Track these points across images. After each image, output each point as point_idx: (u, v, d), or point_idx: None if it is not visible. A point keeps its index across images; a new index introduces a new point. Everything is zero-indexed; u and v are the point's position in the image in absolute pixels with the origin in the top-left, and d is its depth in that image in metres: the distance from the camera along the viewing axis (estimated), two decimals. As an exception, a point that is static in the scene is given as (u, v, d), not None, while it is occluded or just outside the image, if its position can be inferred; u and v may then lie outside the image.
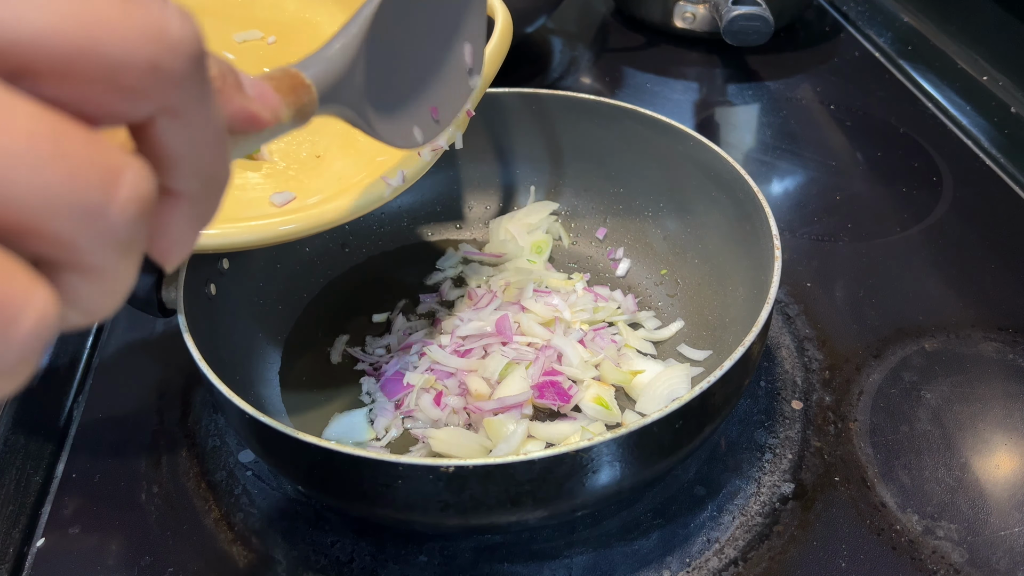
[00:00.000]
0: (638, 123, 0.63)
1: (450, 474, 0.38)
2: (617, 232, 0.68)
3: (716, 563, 0.47)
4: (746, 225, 0.56)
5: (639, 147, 0.64)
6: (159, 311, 0.52)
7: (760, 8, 0.87)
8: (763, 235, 0.52)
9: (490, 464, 0.39)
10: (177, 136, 0.20)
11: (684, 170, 0.61)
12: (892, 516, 0.50)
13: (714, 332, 0.58)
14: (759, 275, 0.52)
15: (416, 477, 0.39)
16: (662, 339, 0.60)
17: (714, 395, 0.43)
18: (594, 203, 0.69)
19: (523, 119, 0.67)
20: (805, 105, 0.91)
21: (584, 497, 0.42)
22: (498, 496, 0.40)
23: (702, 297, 0.61)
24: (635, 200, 0.67)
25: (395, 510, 0.42)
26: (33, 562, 0.48)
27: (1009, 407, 0.56)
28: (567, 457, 0.39)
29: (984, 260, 0.69)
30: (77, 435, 0.56)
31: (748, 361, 0.45)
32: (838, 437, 0.54)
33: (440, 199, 0.71)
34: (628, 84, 0.95)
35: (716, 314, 0.59)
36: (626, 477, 0.42)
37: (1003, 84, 0.88)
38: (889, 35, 1.03)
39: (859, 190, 0.78)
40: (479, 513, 0.41)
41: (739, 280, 0.57)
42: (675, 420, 0.41)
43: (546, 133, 0.68)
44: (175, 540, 0.49)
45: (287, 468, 0.44)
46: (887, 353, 0.60)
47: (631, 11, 1.06)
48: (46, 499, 0.52)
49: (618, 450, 0.40)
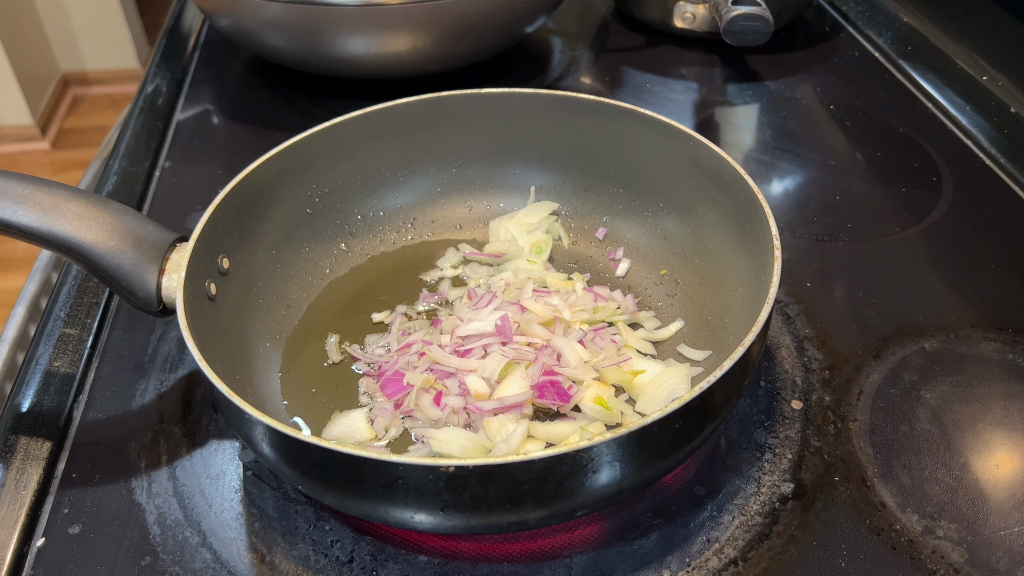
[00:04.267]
0: (638, 123, 0.63)
1: (450, 474, 0.38)
2: (617, 232, 0.68)
3: (716, 563, 0.47)
4: (746, 225, 0.56)
5: (639, 147, 0.64)
6: (159, 311, 0.52)
7: (760, 8, 0.87)
8: (763, 235, 0.52)
9: (490, 464, 0.38)
10: None
11: (684, 170, 0.61)
12: (892, 516, 0.50)
13: (714, 332, 0.58)
14: (759, 275, 0.52)
15: (416, 477, 0.39)
16: (662, 339, 0.60)
17: (714, 395, 0.43)
18: (594, 203, 0.69)
19: (524, 119, 0.67)
20: (805, 105, 0.91)
21: (584, 497, 0.42)
22: (498, 496, 0.40)
23: (702, 297, 0.61)
24: (635, 200, 0.67)
25: (395, 510, 0.42)
26: (33, 562, 0.48)
27: (1009, 407, 0.56)
28: (567, 457, 0.39)
29: (984, 260, 0.69)
30: (77, 435, 0.56)
31: (748, 361, 0.45)
32: (838, 437, 0.54)
33: (440, 199, 0.71)
34: (628, 84, 0.95)
35: (716, 314, 0.59)
36: (626, 477, 0.42)
37: (1003, 84, 0.88)
38: (889, 35, 1.03)
39: (859, 190, 0.78)
40: (479, 513, 0.41)
41: (739, 280, 0.57)
42: (675, 420, 0.41)
43: (547, 133, 0.68)
44: (175, 540, 0.49)
45: (287, 468, 0.44)
46: (887, 353, 0.60)
47: (631, 11, 1.06)
48: (46, 499, 0.52)
49: (618, 450, 0.40)
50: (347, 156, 0.65)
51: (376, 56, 0.84)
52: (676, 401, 0.41)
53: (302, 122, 0.86)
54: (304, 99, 0.92)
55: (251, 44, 0.90)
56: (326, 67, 0.87)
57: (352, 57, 0.84)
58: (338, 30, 0.81)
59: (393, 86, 0.86)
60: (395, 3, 0.79)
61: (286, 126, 0.88)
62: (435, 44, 0.84)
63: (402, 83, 0.87)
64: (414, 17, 0.80)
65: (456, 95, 0.66)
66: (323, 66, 0.87)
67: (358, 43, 0.83)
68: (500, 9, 0.85)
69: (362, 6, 0.79)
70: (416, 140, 0.68)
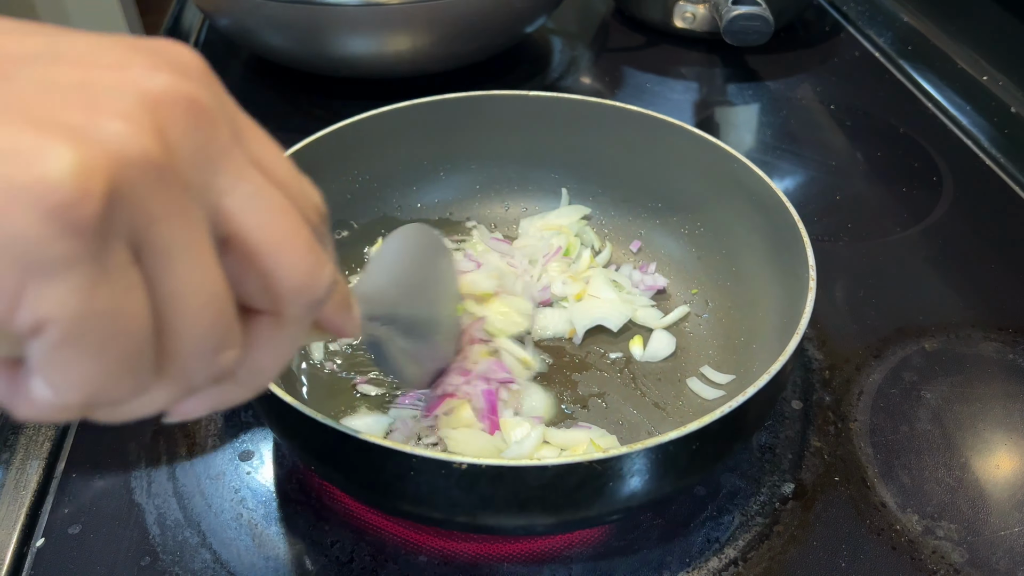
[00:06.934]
0: (684, 140, 0.62)
1: (462, 471, 0.38)
2: (652, 247, 0.67)
3: (716, 563, 0.47)
4: (784, 253, 0.54)
5: (682, 164, 0.63)
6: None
7: (760, 8, 0.87)
8: (799, 265, 0.51)
9: (502, 465, 0.39)
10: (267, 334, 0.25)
11: (726, 191, 0.60)
12: (892, 516, 0.50)
13: (740, 357, 0.57)
14: (791, 304, 0.50)
15: (428, 471, 0.39)
16: (666, 323, 0.61)
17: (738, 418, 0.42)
18: (632, 215, 0.68)
19: (567, 125, 0.66)
20: (805, 105, 0.91)
21: (593, 509, 0.42)
22: (507, 498, 0.40)
23: (731, 320, 0.60)
24: (673, 216, 0.66)
25: (406, 502, 0.42)
26: (33, 562, 0.48)
27: (1009, 407, 0.56)
28: (580, 467, 0.39)
29: (984, 260, 0.69)
30: (77, 435, 0.56)
31: (777, 384, 0.44)
32: (838, 437, 0.54)
33: (479, 196, 0.71)
34: (628, 84, 0.95)
35: (744, 339, 0.58)
36: (636, 495, 0.42)
37: (1003, 84, 0.88)
38: (889, 35, 1.03)
39: (859, 190, 0.78)
40: (486, 513, 0.41)
41: (770, 307, 0.56)
42: (692, 441, 0.41)
43: (590, 141, 0.67)
44: (175, 540, 0.49)
45: (304, 451, 0.45)
46: (887, 353, 0.60)
47: (631, 11, 1.06)
48: (46, 499, 0.52)
49: (636, 464, 0.40)
50: (390, 146, 0.65)
51: (376, 56, 0.84)
52: (697, 421, 0.40)
53: (302, 122, 0.86)
54: (304, 99, 0.92)
55: (251, 44, 0.90)
56: (326, 67, 0.87)
57: (352, 57, 0.84)
58: (338, 30, 0.81)
59: (393, 86, 0.86)
60: (395, 3, 0.79)
61: (286, 126, 0.88)
62: (435, 44, 0.84)
63: (402, 83, 0.87)
64: (414, 17, 0.80)
65: (503, 95, 0.66)
66: (323, 66, 0.87)
67: (358, 43, 0.83)
68: (500, 9, 0.85)
69: (362, 6, 0.79)
70: (460, 137, 0.67)
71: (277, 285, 0.24)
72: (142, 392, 0.22)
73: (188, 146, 0.21)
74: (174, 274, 0.21)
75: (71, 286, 0.18)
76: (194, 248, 0.21)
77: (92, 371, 0.20)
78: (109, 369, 0.20)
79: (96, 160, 0.18)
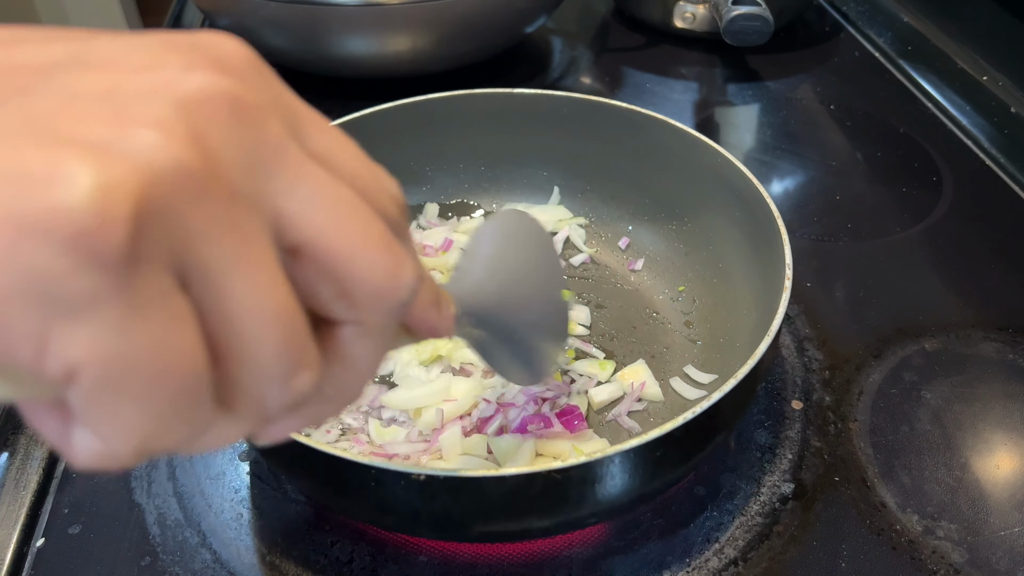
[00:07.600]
0: (668, 135, 0.62)
1: (421, 482, 0.39)
2: (639, 243, 0.67)
3: (716, 563, 0.47)
4: (764, 249, 0.54)
5: (668, 159, 0.63)
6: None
7: (760, 8, 0.87)
8: (777, 261, 0.51)
9: (460, 476, 0.38)
10: (351, 345, 0.23)
11: (710, 186, 0.60)
12: (892, 516, 0.50)
13: (723, 356, 0.57)
14: (772, 301, 0.50)
15: (388, 482, 0.40)
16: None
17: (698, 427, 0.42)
18: (620, 212, 0.68)
19: (554, 122, 0.66)
20: (805, 105, 0.91)
21: (555, 518, 0.42)
22: (468, 508, 0.41)
23: (717, 318, 0.60)
24: (660, 212, 0.66)
25: (370, 512, 0.43)
26: (33, 562, 0.48)
27: (1009, 407, 0.56)
28: (538, 476, 0.39)
29: (984, 260, 0.69)
30: (77, 435, 0.56)
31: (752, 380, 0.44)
32: (838, 437, 0.54)
33: (466, 196, 0.71)
34: (628, 84, 0.95)
35: (728, 337, 0.58)
36: (602, 502, 0.42)
37: (1003, 84, 0.88)
38: (889, 35, 1.03)
39: (859, 190, 0.78)
40: (450, 523, 0.42)
41: (753, 304, 0.56)
42: (656, 448, 0.40)
43: (577, 137, 0.67)
44: (175, 540, 0.49)
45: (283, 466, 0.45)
46: (887, 353, 0.60)
47: (631, 11, 1.06)
48: (46, 499, 0.52)
49: (590, 474, 0.40)
50: (374, 147, 0.65)
51: (376, 56, 0.84)
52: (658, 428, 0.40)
53: (302, 122, 0.86)
54: (303, 99, 0.92)
55: (251, 44, 0.90)
56: (326, 67, 0.87)
57: (352, 57, 0.84)
58: (338, 30, 0.81)
59: (393, 86, 0.86)
60: (395, 3, 0.79)
61: (286, 126, 0.88)
62: (435, 44, 0.84)
63: (402, 83, 0.87)
64: (414, 17, 0.80)
65: (488, 93, 0.65)
66: (323, 66, 0.87)
67: (358, 43, 0.83)
68: (500, 9, 0.85)
69: (362, 6, 0.79)
70: (446, 136, 0.67)
71: (354, 291, 0.21)
72: (205, 430, 0.20)
73: (233, 150, 0.19)
74: (229, 295, 0.18)
75: (101, 325, 0.16)
76: (251, 263, 0.19)
77: (140, 416, 0.18)
78: (160, 412, 0.18)
79: (120, 178, 0.16)
